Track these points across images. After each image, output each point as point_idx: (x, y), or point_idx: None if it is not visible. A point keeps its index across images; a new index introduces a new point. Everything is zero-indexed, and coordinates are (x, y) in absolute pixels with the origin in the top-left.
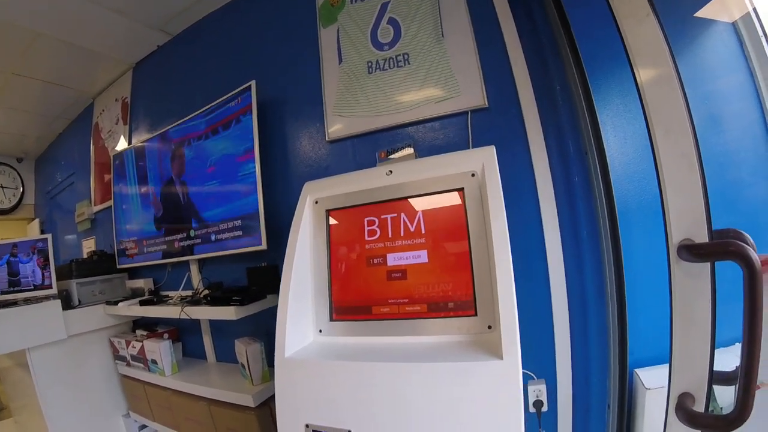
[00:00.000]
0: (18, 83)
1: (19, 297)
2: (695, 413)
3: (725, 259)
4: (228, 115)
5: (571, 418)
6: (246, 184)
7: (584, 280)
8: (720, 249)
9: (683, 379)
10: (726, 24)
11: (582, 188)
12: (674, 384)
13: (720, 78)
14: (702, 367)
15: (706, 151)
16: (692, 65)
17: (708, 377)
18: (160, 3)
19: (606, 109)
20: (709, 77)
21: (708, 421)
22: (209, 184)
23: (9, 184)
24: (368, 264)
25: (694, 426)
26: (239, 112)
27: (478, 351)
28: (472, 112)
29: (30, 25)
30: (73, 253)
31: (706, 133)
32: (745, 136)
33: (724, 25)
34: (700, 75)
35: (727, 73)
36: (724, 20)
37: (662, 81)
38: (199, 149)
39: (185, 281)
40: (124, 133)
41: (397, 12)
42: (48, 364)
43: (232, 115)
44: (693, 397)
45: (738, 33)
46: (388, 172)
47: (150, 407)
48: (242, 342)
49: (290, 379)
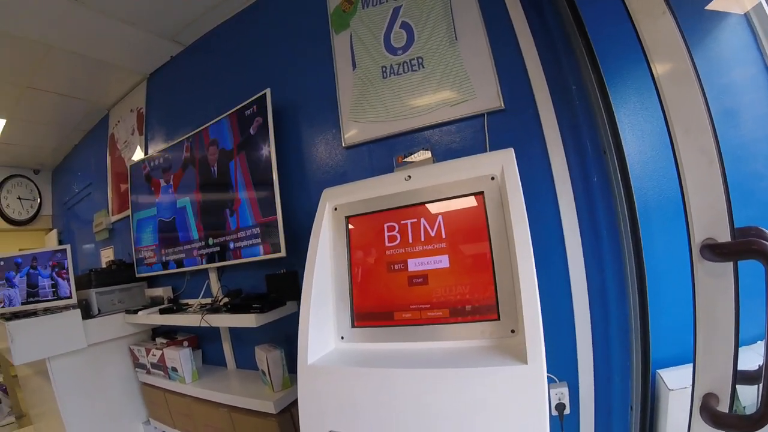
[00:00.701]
0: (33, 96)
1: (38, 307)
2: (719, 413)
3: (748, 258)
4: (244, 122)
5: (593, 420)
6: (264, 191)
7: (605, 281)
8: (743, 248)
9: (707, 379)
10: (738, 16)
11: (601, 188)
12: (698, 384)
13: (734, 70)
14: (726, 367)
15: (723, 144)
16: (706, 59)
17: (732, 377)
18: (171, 14)
19: (623, 107)
20: (724, 70)
21: (732, 421)
22: (227, 192)
23: (26, 196)
24: (389, 270)
25: (719, 426)
26: (255, 120)
27: (501, 356)
28: (488, 114)
29: (44, 39)
30: (91, 263)
31: (722, 127)
32: (761, 127)
33: (736, 17)
34: (714, 69)
35: (741, 65)
36: (735, 12)
37: (680, 78)
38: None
39: (204, 289)
40: (140, 143)
41: (410, 16)
42: (68, 373)
43: (248, 122)
44: (717, 398)
45: (750, 24)
46: (406, 177)
47: (170, 414)
48: (262, 349)
49: (313, 386)
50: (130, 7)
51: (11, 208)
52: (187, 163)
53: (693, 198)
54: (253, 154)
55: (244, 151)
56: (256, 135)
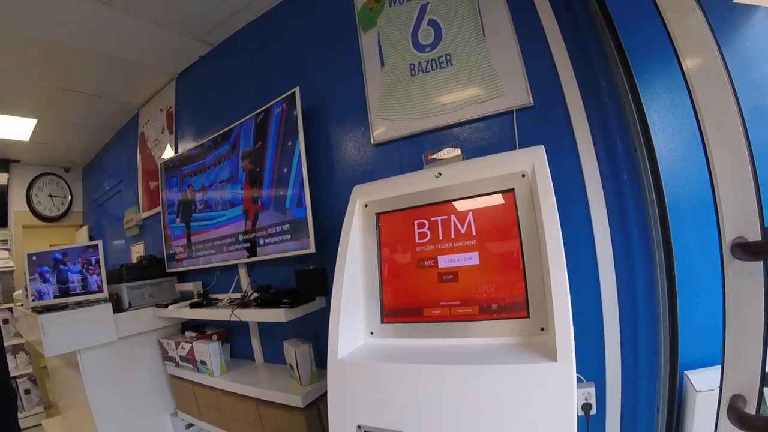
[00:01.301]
0: (63, 97)
1: (70, 301)
2: (747, 415)
3: None
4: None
5: (619, 421)
6: (294, 189)
7: (635, 280)
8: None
9: (735, 380)
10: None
11: (631, 186)
12: (726, 385)
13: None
14: (754, 368)
15: (754, 141)
16: (736, 54)
17: (760, 378)
18: (199, 15)
19: (653, 105)
20: (754, 65)
21: (759, 423)
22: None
23: (57, 193)
24: (419, 266)
25: (746, 428)
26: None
27: (531, 353)
28: (517, 111)
29: (74, 42)
30: (122, 258)
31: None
32: None
33: (765, 10)
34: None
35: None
36: (765, 5)
37: (711, 74)
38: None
39: (234, 284)
40: (170, 141)
41: (437, 13)
42: (98, 365)
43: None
44: (744, 399)
45: None
46: (437, 175)
47: (198, 407)
48: (291, 343)
49: (343, 381)
50: (157, 9)
51: (42, 205)
52: (217, 161)
53: (724, 196)
54: (283, 151)
55: (274, 148)
56: (286, 133)
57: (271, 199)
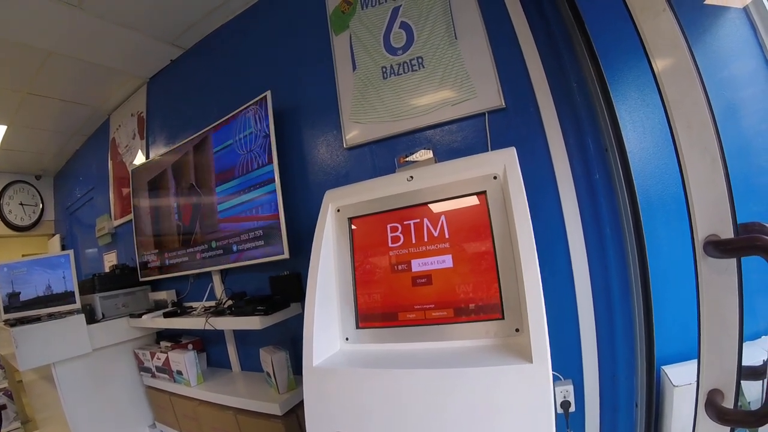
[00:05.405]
0: (33, 102)
1: (42, 312)
2: (725, 410)
3: (752, 254)
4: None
5: (598, 417)
6: (266, 193)
7: (609, 278)
8: (746, 244)
9: (712, 375)
10: (737, 10)
11: (603, 185)
12: (703, 380)
13: (734, 64)
14: (731, 363)
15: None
16: (707, 54)
17: (737, 373)
18: (171, 17)
19: (624, 104)
20: (724, 64)
21: (737, 416)
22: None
23: (28, 201)
24: (393, 270)
25: (724, 422)
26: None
27: (506, 355)
28: (489, 113)
29: (44, 45)
30: (94, 268)
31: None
32: (763, 121)
33: (735, 11)
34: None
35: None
36: (735, 6)
37: (681, 74)
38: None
39: (208, 292)
40: (141, 147)
41: (409, 15)
42: (73, 377)
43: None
44: (722, 393)
45: (750, 18)
46: (409, 178)
47: (176, 417)
48: (267, 351)
49: (319, 388)
50: (129, 12)
51: (13, 213)
52: (188, 167)
53: (696, 194)
54: (254, 156)
55: (245, 153)
56: (257, 137)
57: (244, 204)
